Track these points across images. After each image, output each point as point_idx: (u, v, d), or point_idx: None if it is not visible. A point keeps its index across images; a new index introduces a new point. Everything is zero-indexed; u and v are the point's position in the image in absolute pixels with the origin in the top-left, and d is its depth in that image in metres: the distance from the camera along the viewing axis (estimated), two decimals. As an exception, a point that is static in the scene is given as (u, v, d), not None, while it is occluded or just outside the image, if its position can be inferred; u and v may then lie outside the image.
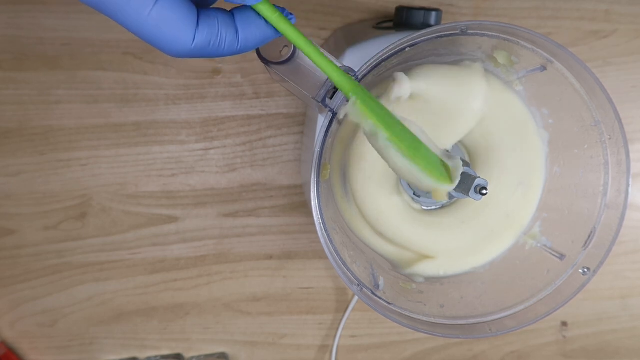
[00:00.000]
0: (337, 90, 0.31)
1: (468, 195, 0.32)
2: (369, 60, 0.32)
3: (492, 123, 0.39)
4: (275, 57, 0.31)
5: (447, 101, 0.37)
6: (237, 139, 0.49)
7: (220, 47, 0.27)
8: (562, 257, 0.37)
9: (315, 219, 0.33)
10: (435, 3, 0.48)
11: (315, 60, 0.28)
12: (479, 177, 0.32)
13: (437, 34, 0.33)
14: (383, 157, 0.30)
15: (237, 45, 0.27)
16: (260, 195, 0.50)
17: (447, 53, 0.38)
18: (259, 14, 0.27)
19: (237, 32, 0.27)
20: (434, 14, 0.42)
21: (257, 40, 0.28)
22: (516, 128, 0.39)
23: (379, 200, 0.39)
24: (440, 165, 0.31)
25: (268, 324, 0.50)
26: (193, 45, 0.26)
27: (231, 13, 0.27)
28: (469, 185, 0.32)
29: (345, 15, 0.48)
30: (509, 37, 0.34)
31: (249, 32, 0.27)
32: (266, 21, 0.27)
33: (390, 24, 0.44)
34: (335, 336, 0.50)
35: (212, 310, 0.50)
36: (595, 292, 0.51)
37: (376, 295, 0.35)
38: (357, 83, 0.29)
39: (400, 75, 0.34)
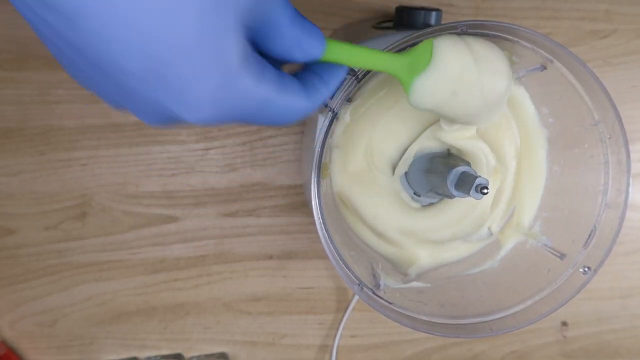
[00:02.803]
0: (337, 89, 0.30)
1: (469, 194, 0.32)
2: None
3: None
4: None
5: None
6: (237, 139, 0.49)
7: (318, 105, 0.27)
8: (562, 256, 0.37)
9: (316, 218, 0.33)
10: (435, 3, 0.48)
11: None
12: (480, 177, 0.32)
13: (437, 34, 0.33)
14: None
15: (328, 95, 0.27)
16: (260, 195, 0.49)
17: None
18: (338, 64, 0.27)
19: (327, 85, 0.27)
20: (434, 13, 0.42)
21: (339, 83, 0.28)
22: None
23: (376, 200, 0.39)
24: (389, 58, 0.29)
25: (268, 323, 0.50)
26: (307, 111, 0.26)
27: (313, 71, 0.27)
28: (470, 184, 0.32)
29: (346, 15, 0.48)
30: (509, 37, 0.34)
31: (336, 81, 0.27)
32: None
33: (390, 24, 0.44)
34: (335, 336, 0.50)
35: (212, 310, 0.50)
36: (595, 292, 0.51)
37: (377, 295, 0.35)
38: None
39: None
